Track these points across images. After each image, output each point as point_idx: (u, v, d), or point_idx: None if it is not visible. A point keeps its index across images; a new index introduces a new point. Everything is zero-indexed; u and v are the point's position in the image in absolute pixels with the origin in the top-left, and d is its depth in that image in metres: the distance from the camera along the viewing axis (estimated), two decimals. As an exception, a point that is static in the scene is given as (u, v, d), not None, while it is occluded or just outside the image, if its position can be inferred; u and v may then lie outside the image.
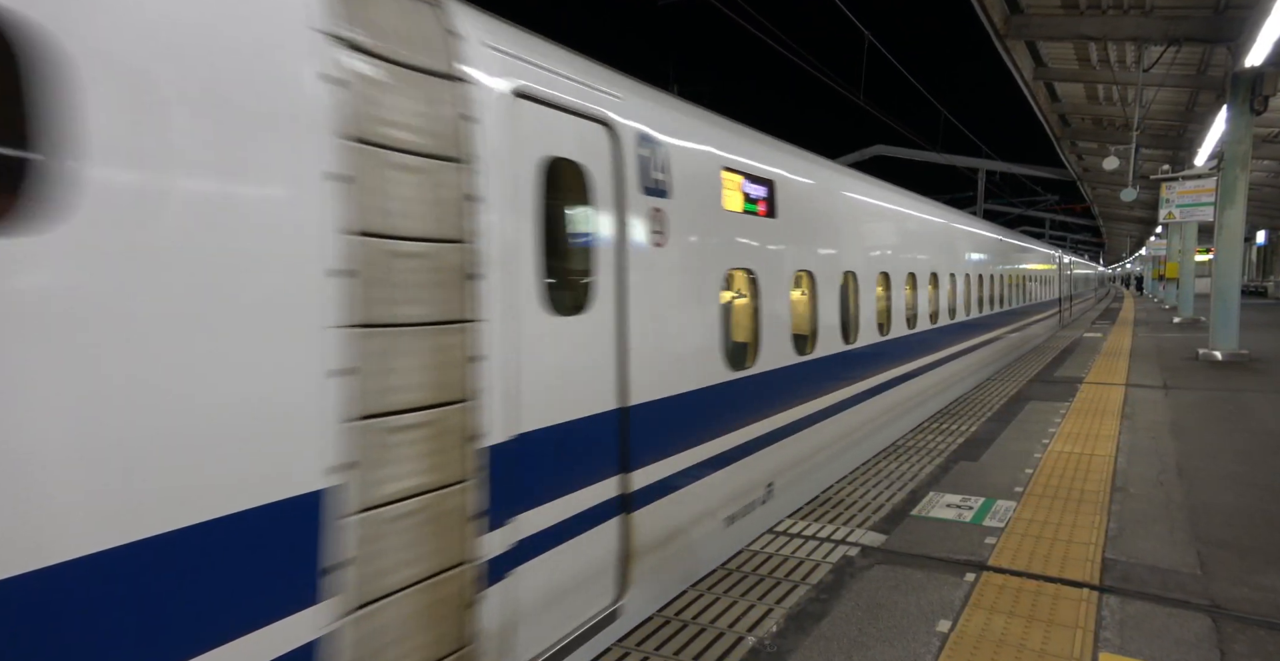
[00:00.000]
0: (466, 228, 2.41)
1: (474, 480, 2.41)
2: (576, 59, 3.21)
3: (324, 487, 1.98)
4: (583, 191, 3.09)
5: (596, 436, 3.09)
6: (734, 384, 4.21)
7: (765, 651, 2.91)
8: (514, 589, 2.63)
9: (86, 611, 1.55)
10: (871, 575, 3.61)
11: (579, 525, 2.97)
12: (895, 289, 7.21)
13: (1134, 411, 7.65)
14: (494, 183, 2.56)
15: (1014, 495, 4.83)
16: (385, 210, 2.13)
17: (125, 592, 1.61)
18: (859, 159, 28.37)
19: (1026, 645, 2.92)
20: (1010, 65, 13.57)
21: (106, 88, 1.57)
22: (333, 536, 2.00)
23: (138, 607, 1.63)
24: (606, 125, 3.21)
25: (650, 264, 3.45)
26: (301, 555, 1.93)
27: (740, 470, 4.29)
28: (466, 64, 2.49)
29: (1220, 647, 2.88)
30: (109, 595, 1.59)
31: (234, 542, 1.79)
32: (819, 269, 5.42)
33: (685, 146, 3.82)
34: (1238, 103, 10.70)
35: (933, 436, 6.65)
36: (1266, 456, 5.72)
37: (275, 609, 1.88)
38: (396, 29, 2.23)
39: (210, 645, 1.75)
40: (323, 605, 1.98)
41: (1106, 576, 3.55)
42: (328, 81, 2.01)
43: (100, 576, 1.57)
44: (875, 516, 4.46)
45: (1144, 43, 11.69)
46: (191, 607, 1.72)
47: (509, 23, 2.87)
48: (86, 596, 1.55)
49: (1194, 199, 13.63)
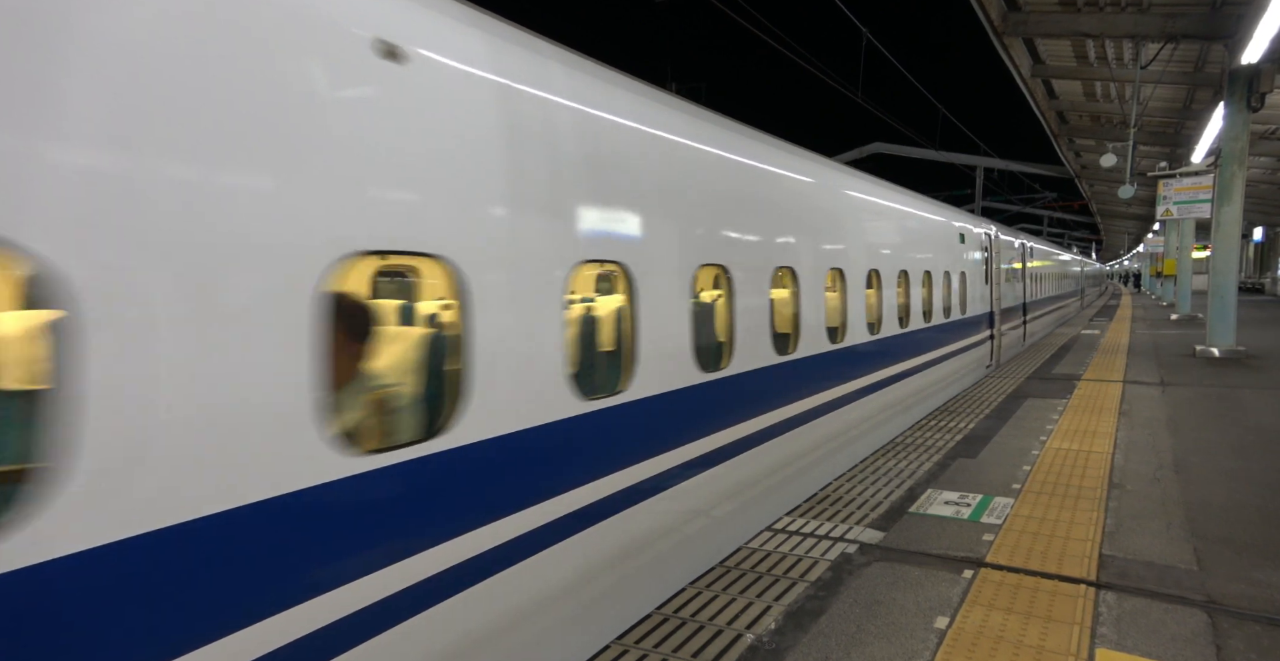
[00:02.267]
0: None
1: None
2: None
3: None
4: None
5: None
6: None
7: (763, 648, 2.92)
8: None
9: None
10: (869, 572, 3.63)
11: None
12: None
13: (1131, 408, 7.67)
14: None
15: (1012, 492, 4.85)
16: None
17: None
18: (858, 156, 28.35)
19: (1024, 641, 2.93)
20: (1008, 62, 13.58)
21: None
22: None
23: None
24: None
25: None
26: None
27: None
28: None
29: (1216, 643, 2.89)
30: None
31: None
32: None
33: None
34: (1234, 100, 10.71)
35: (931, 433, 6.67)
36: (1263, 452, 5.74)
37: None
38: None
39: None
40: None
41: (1104, 572, 3.56)
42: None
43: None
44: (873, 513, 4.48)
45: (1141, 40, 11.71)
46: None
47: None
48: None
49: (1191, 196, 13.65)
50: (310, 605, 2.05)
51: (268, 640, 1.94)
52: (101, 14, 1.69)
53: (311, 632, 2.05)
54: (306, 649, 2.03)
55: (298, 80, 2.07)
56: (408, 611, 2.33)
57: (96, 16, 1.68)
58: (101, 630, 1.65)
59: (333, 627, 2.10)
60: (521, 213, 2.82)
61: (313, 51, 2.12)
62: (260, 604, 1.94)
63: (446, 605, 2.46)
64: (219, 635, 1.84)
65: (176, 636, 1.78)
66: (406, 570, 2.33)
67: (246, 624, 1.90)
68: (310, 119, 2.09)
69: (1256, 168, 22.60)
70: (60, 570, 1.58)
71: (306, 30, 2.11)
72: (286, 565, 2.01)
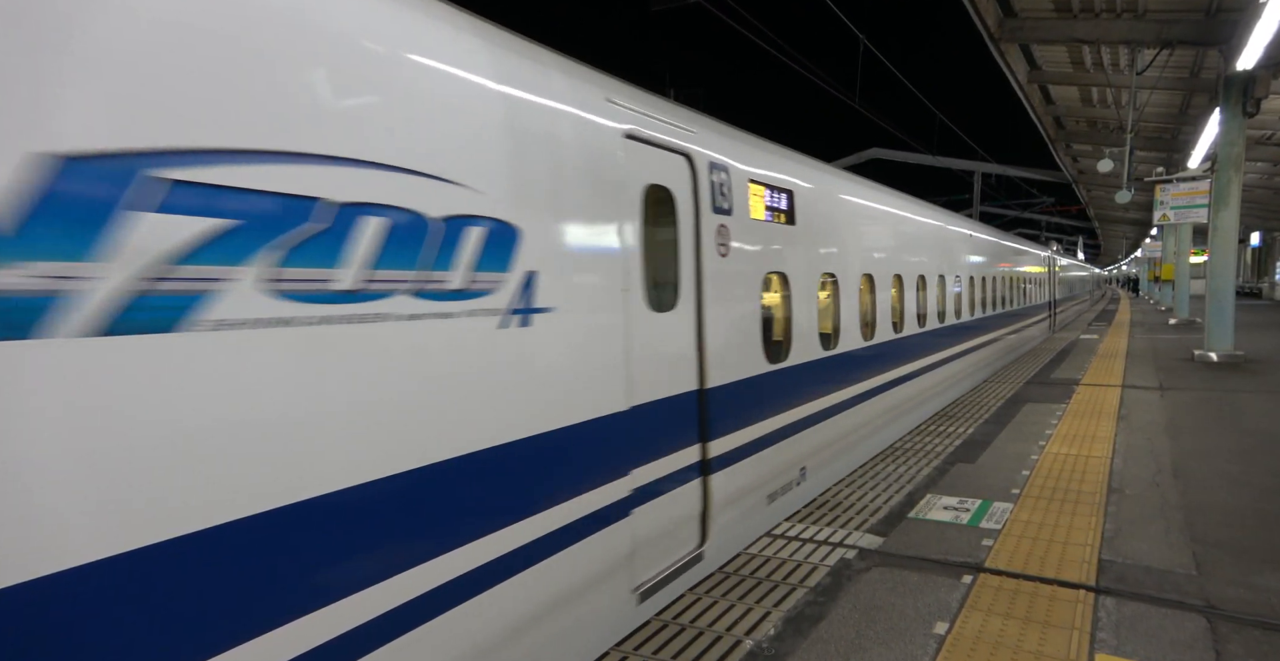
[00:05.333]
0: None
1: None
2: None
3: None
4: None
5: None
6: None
7: (763, 654, 2.92)
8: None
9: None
10: (869, 577, 3.62)
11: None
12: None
13: (1130, 412, 7.68)
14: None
15: (1011, 497, 4.85)
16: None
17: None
18: (855, 162, 28.45)
19: (1023, 646, 2.93)
20: (1004, 68, 13.63)
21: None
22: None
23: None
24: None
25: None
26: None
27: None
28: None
29: (1216, 648, 2.89)
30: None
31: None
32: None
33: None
34: (1230, 105, 10.75)
35: (930, 439, 6.67)
36: (1261, 457, 5.74)
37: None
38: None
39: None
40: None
41: (1103, 577, 3.56)
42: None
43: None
44: (872, 519, 4.47)
45: (1137, 46, 11.76)
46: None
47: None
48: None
49: (1188, 201, 13.71)
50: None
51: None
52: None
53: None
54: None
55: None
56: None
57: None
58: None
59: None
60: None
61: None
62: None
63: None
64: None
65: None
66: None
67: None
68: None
69: (1253, 172, 22.67)
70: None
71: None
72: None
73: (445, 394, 2.31)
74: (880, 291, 6.82)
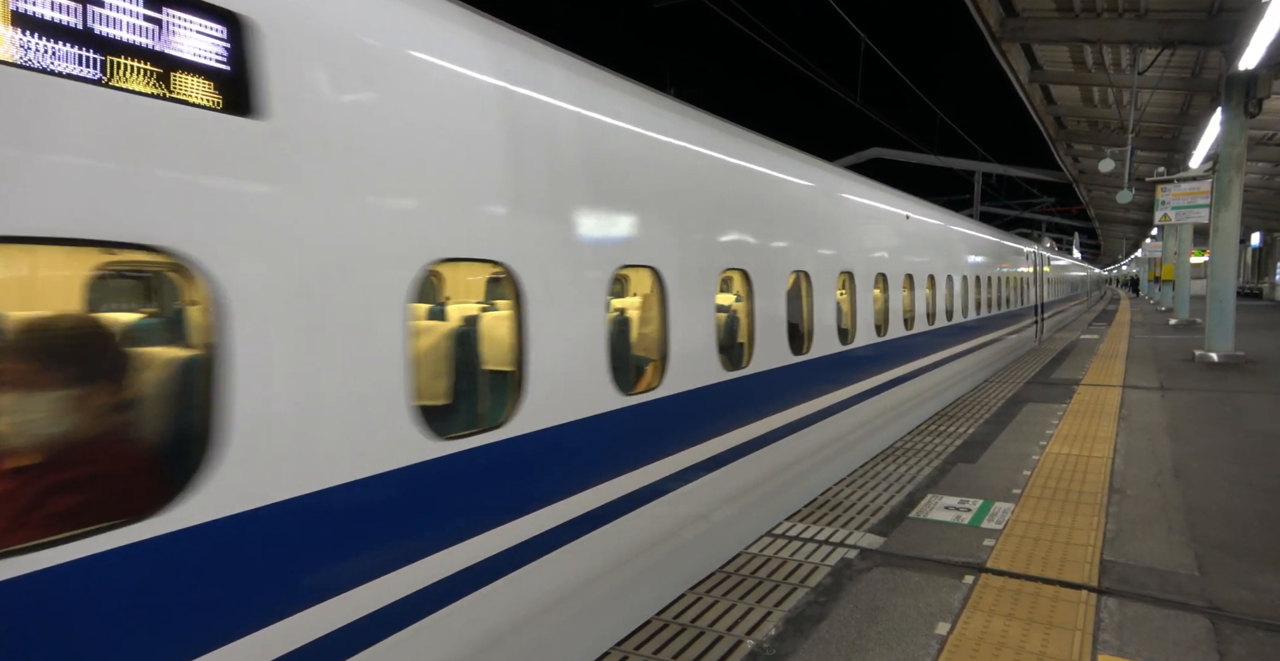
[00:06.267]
0: None
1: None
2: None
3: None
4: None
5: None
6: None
7: (764, 655, 2.91)
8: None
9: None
10: (870, 578, 3.61)
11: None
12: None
13: (1131, 413, 7.67)
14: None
15: (1012, 497, 4.84)
16: None
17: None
18: (856, 161, 28.43)
19: (1025, 647, 2.92)
20: (1005, 68, 13.63)
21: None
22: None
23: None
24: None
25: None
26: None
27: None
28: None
29: (1219, 649, 2.88)
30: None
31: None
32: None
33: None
34: (1232, 105, 10.74)
35: (930, 438, 6.66)
36: (1263, 457, 5.73)
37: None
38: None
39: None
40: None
41: (1105, 578, 3.55)
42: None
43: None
44: (874, 519, 4.46)
45: (1138, 46, 11.75)
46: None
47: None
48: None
49: (1189, 201, 13.70)
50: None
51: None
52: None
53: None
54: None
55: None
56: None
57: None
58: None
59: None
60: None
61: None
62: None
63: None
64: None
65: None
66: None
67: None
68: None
69: (1254, 173, 22.67)
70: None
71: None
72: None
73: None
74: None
